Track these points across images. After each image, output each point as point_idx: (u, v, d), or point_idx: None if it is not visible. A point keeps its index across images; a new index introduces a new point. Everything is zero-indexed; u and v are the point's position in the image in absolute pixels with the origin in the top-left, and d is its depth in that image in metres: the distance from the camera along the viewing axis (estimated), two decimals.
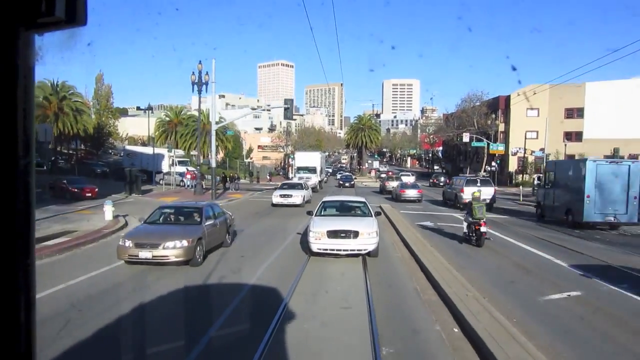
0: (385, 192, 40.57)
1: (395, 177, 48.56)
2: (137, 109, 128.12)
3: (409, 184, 37.07)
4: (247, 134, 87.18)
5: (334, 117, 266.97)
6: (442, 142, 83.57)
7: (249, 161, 73.69)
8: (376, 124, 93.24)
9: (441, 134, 79.32)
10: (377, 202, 28.61)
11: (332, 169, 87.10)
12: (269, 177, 60.92)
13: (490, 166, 60.06)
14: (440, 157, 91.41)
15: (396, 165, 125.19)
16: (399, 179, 45.95)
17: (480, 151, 62.43)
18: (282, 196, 27.17)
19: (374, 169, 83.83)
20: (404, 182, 39.43)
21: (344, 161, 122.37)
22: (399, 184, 36.85)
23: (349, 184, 49.16)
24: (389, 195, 36.94)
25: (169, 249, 10.29)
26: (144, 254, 10.23)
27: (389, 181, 43.47)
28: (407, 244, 13.96)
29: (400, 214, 22.56)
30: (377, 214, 14.65)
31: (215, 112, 34.16)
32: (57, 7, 0.85)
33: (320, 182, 44.38)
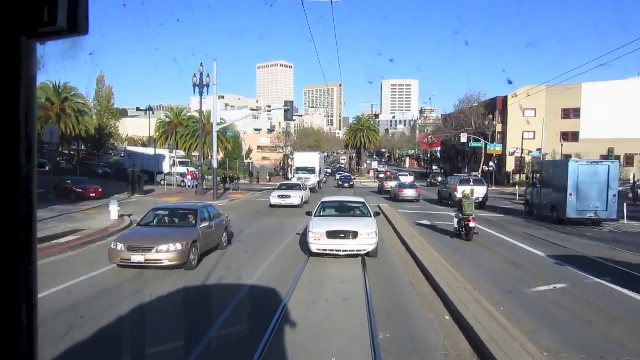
0: (383, 192, 41.13)
1: (393, 178, 49.05)
2: (137, 109, 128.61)
3: (407, 184, 37.64)
4: (246, 134, 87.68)
5: (332, 117, 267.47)
6: (441, 143, 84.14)
7: (249, 162, 74.21)
8: (375, 125, 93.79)
9: (439, 134, 79.97)
10: (376, 201, 29.08)
11: (331, 169, 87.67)
12: (268, 177, 61.50)
13: (488, 166, 60.70)
14: (438, 158, 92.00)
15: (395, 165, 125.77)
16: (397, 179, 46.45)
17: (478, 151, 63.02)
18: (280, 197, 27.04)
19: (372, 169, 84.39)
20: (402, 182, 39.99)
21: (343, 162, 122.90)
22: (397, 184, 37.41)
23: (348, 185, 49.41)
24: (388, 195, 37.46)
25: (163, 253, 10.08)
26: (137, 257, 10.03)
27: (387, 181, 44.04)
28: (404, 241, 14.54)
29: (398, 213, 23.11)
30: (377, 214, 14.64)
31: (216, 114, 34.66)
32: (59, 16, 0.87)
33: (319, 182, 44.56)
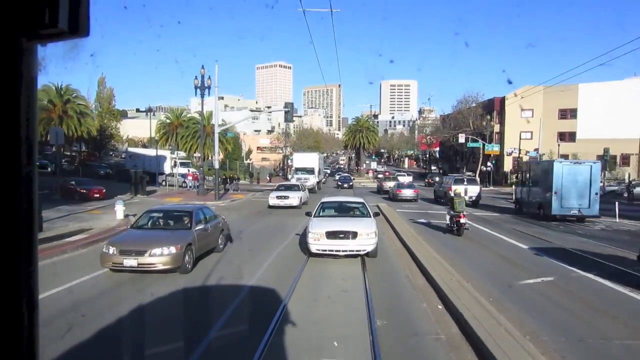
0: (382, 192, 41.69)
1: (392, 178, 49.59)
2: (137, 110, 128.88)
3: (405, 184, 38.23)
4: (246, 135, 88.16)
5: (331, 118, 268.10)
6: (439, 143, 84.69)
7: (248, 162, 74.72)
8: (374, 125, 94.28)
9: (438, 134, 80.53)
10: (375, 201, 29.54)
11: (331, 169, 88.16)
12: (268, 178, 62.05)
13: (485, 166, 61.27)
14: (437, 158, 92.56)
15: (394, 165, 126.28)
16: (395, 179, 47.00)
17: (476, 151, 63.56)
18: (278, 198, 26.93)
19: (371, 169, 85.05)
20: (400, 182, 40.58)
21: (342, 162, 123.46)
22: (395, 184, 37.97)
23: (347, 185, 49.67)
24: (386, 195, 38.01)
25: (156, 256, 9.84)
26: (129, 261, 9.80)
27: (386, 181, 44.61)
28: (401, 239, 15.11)
29: (396, 213, 23.65)
30: (376, 214, 14.64)
31: (218, 116, 35.19)
32: (60, 18, 0.87)
33: (318, 182, 44.63)
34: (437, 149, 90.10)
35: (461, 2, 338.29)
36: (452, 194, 17.52)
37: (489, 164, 60.69)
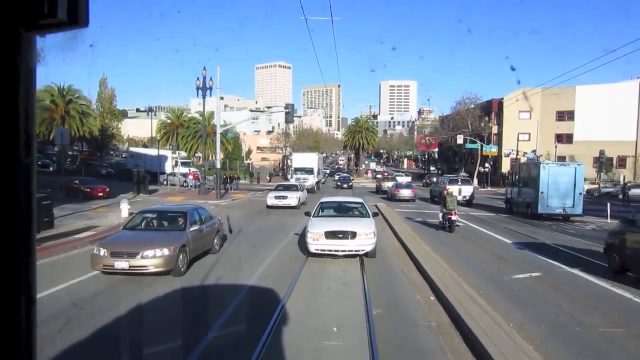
0: (381, 192, 42.25)
1: (390, 178, 50.19)
2: (137, 110, 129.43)
3: (403, 184, 38.87)
4: (245, 135, 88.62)
5: (331, 118, 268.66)
6: (438, 144, 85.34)
7: (249, 162, 75.24)
8: (373, 126, 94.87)
9: (436, 135, 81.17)
10: (373, 201, 29.97)
11: (330, 170, 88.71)
12: (268, 177, 62.63)
13: (483, 167, 61.87)
14: (436, 158, 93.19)
15: (393, 166, 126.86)
16: (394, 179, 47.61)
17: (474, 152, 64.14)
18: (277, 198, 26.74)
19: (370, 169, 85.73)
20: (398, 182, 41.19)
21: (341, 162, 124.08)
22: (393, 184, 38.58)
23: (346, 185, 49.95)
24: (385, 195, 38.57)
25: (148, 259, 9.54)
26: (120, 264, 9.46)
27: (384, 181, 45.20)
28: (399, 237, 15.68)
29: (394, 212, 24.18)
30: (375, 214, 14.67)
31: (219, 117, 35.73)
32: (59, 8, 0.86)
33: (317, 183, 44.67)
34: (436, 149, 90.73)
35: (461, 3, 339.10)
36: (445, 193, 18.35)
37: (486, 165, 61.29)
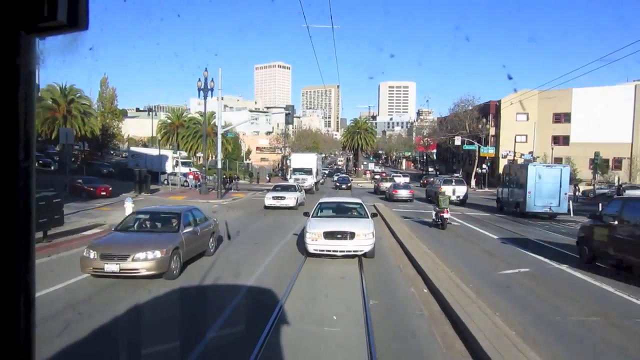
0: (379, 192, 42.82)
1: (388, 179, 50.79)
2: (137, 110, 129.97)
3: (401, 184, 39.49)
4: (245, 135, 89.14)
5: (330, 118, 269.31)
6: (436, 145, 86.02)
7: (248, 162, 75.75)
8: (372, 127, 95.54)
9: (435, 136, 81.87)
10: (372, 201, 30.50)
11: (329, 170, 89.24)
12: (268, 178, 63.20)
13: (481, 168, 62.54)
14: (434, 159, 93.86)
15: (392, 167, 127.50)
16: (392, 180, 48.22)
17: (472, 154, 64.76)
18: (275, 198, 26.59)
19: (369, 170, 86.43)
20: (396, 183, 41.80)
21: (340, 163, 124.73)
22: (391, 185, 39.20)
23: (345, 186, 50.01)
24: (383, 195, 39.20)
25: (139, 261, 9.24)
26: (110, 266, 9.13)
27: (382, 182, 45.83)
28: (395, 235, 16.27)
29: (392, 212, 24.78)
30: (374, 215, 14.73)
31: (221, 119, 36.30)
32: (59, 11, 0.86)
33: (316, 183, 44.68)
34: (434, 150, 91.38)
35: (461, 4, 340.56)
36: (438, 193, 19.36)
37: (484, 166, 61.94)
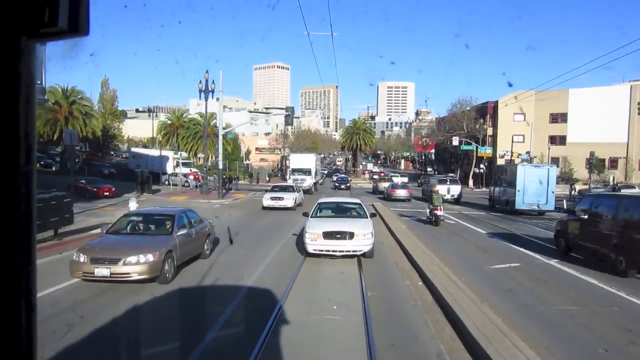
0: (377, 192, 43.37)
1: (387, 179, 51.40)
2: (136, 111, 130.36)
3: (399, 184, 40.12)
4: (244, 136, 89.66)
5: (329, 119, 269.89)
6: (435, 145, 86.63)
7: (247, 163, 76.29)
8: (370, 128, 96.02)
9: (433, 137, 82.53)
10: (370, 201, 30.96)
11: (328, 170, 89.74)
12: (268, 178, 63.78)
13: (478, 168, 63.15)
14: (432, 160, 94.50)
15: (390, 167, 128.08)
16: (390, 180, 48.82)
17: (470, 154, 65.36)
18: (273, 199, 26.33)
19: (367, 170, 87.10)
20: (394, 183, 42.44)
21: (339, 163, 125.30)
22: (389, 185, 39.83)
23: (344, 186, 49.87)
24: (382, 195, 39.75)
25: (131, 265, 8.93)
26: (101, 271, 8.80)
27: (381, 182, 46.47)
28: (393, 233, 16.85)
29: (389, 211, 25.36)
30: (372, 215, 14.75)
31: (222, 120, 36.87)
32: (60, 17, 0.86)
33: (315, 184, 44.63)
34: (433, 150, 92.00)
35: (460, 6, 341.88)
36: (431, 191, 20.32)
37: (482, 166, 62.53)
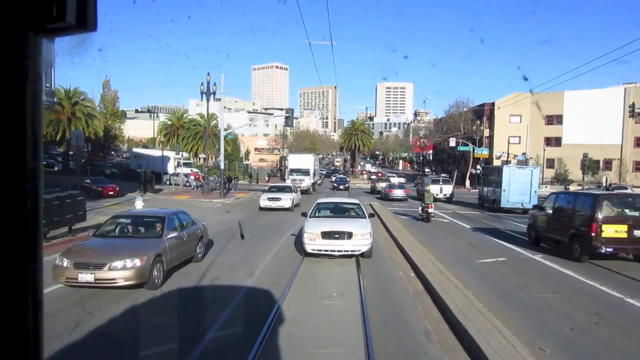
0: (375, 192, 44.30)
1: (384, 179, 52.35)
2: (136, 111, 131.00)
3: (396, 184, 41.05)
4: (244, 136, 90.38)
5: (327, 119, 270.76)
6: (432, 146, 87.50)
7: (247, 163, 77.05)
8: (369, 128, 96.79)
9: (431, 138, 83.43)
10: (368, 201, 31.57)
11: (326, 171, 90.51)
12: (267, 178, 64.61)
13: (475, 169, 64.03)
14: (430, 160, 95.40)
15: (389, 167, 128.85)
16: (387, 180, 49.73)
17: (467, 155, 66.23)
18: (270, 199, 26.19)
19: (365, 171, 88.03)
20: (391, 183, 43.36)
21: (338, 163, 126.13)
22: (387, 185, 40.74)
23: (343, 187, 50.08)
24: (379, 195, 40.64)
25: (117, 270, 8.51)
26: (85, 276, 8.40)
27: (378, 182, 47.41)
28: (389, 230, 17.69)
29: (387, 210, 26.22)
30: (371, 215, 14.85)
31: (223, 121, 37.70)
32: (67, 12, 0.85)
33: (313, 184, 44.80)
34: (430, 151, 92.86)
35: (460, 6, 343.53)
36: (423, 190, 21.36)
37: (478, 166, 63.37)
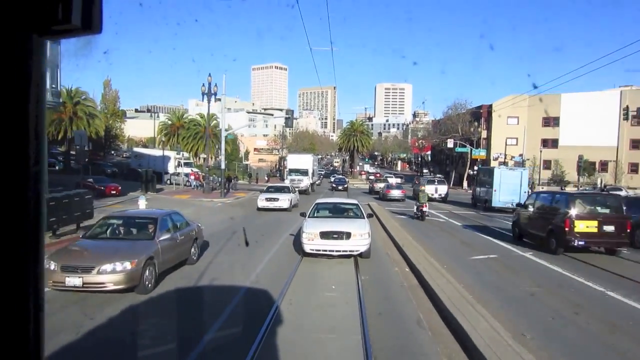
0: (373, 192, 44.92)
1: (382, 179, 53.01)
2: (136, 111, 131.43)
3: (394, 185, 41.69)
4: (243, 137, 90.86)
5: (326, 120, 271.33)
6: (431, 147, 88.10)
7: (246, 163, 77.54)
8: (367, 129, 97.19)
9: (429, 139, 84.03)
10: (366, 201, 32.00)
11: (325, 171, 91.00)
12: (267, 178, 65.14)
13: (472, 170, 64.62)
14: (428, 161, 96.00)
15: (387, 168, 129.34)
16: (385, 181, 50.34)
17: (464, 156, 66.82)
18: (267, 200, 26.08)
19: (364, 171, 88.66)
20: (389, 183, 43.99)
21: (336, 164, 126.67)
22: (385, 185, 41.36)
23: (342, 187, 50.14)
24: (377, 195, 41.26)
25: (106, 274, 8.23)
26: (72, 280, 8.14)
27: (377, 183, 48.04)
28: (386, 229, 18.22)
29: (384, 210, 26.73)
30: (369, 215, 14.87)
31: (224, 122, 38.21)
32: (73, 14, 0.85)
33: (312, 184, 44.77)
34: (429, 152, 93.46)
35: (460, 7, 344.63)
36: (418, 189, 22.06)
37: (475, 168, 63.98)
